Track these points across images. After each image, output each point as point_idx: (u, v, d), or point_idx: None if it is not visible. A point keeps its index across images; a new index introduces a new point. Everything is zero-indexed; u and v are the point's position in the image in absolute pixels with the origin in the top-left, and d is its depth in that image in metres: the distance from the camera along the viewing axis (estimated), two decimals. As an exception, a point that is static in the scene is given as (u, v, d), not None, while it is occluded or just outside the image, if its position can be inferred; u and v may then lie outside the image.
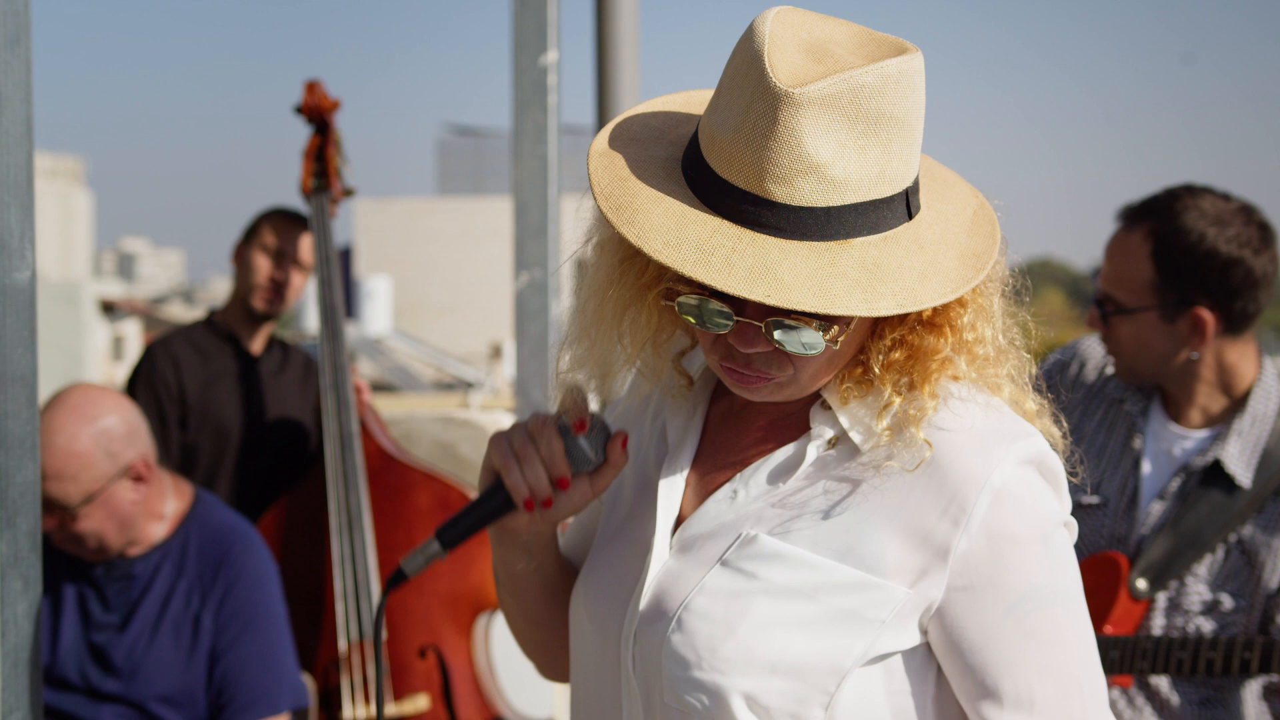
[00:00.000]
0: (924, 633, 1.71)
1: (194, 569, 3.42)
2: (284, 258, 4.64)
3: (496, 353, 31.31)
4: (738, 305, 1.65)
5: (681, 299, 1.66)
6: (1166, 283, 2.86)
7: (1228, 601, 2.84)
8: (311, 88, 4.73)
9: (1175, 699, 2.86)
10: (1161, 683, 2.86)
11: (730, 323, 1.65)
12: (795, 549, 1.70)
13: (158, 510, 3.44)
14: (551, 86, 5.71)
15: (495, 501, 1.81)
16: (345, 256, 52.71)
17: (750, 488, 1.77)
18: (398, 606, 4.23)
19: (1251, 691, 2.87)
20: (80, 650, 3.39)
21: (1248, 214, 2.88)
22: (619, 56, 6.74)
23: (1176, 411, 2.97)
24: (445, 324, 47.29)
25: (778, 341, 1.64)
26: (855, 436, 1.73)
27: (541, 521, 1.82)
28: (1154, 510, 2.92)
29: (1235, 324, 2.88)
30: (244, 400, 4.59)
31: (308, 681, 4.03)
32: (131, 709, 3.38)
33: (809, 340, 1.64)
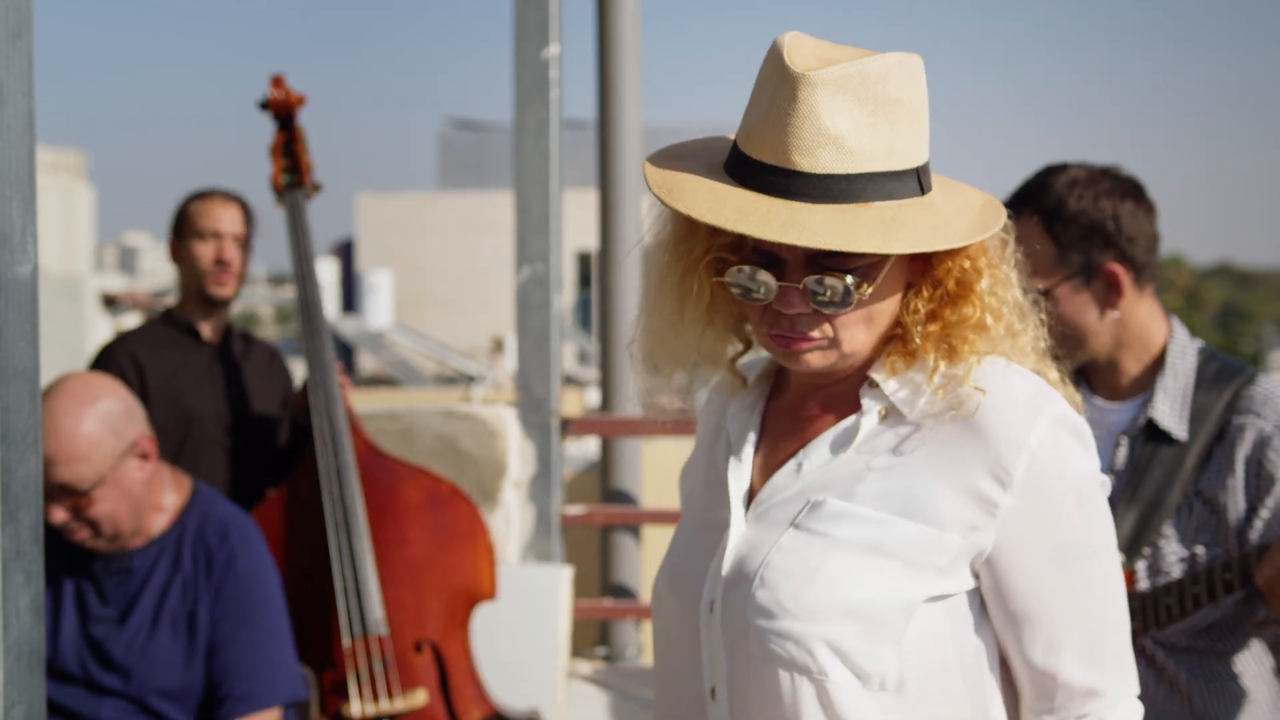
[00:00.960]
0: (976, 577, 1.90)
1: (191, 562, 3.43)
2: (220, 237, 4.58)
3: (498, 346, 31.30)
4: (779, 271, 1.87)
5: (730, 273, 1.88)
6: (1068, 250, 2.98)
7: (1203, 552, 2.91)
8: (277, 82, 4.68)
9: (1182, 675, 2.90)
10: (1169, 663, 2.91)
11: (774, 286, 1.87)
12: (861, 508, 1.89)
13: (157, 502, 3.45)
14: (553, 80, 5.71)
15: None
16: (346, 250, 52.71)
17: (813, 459, 1.95)
18: (392, 601, 4.23)
19: (1266, 667, 2.90)
20: (80, 644, 3.40)
21: (1114, 172, 3.04)
22: (621, 50, 6.74)
23: (1104, 388, 3.07)
24: (447, 318, 47.29)
25: (814, 294, 1.85)
26: (903, 407, 1.92)
27: None
28: (1108, 486, 2.97)
29: (1141, 274, 3.00)
30: (208, 389, 4.56)
31: (309, 675, 4.03)
32: (131, 704, 3.38)
33: (836, 289, 1.84)
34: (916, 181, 1.86)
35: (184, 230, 4.64)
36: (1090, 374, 3.08)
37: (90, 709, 3.38)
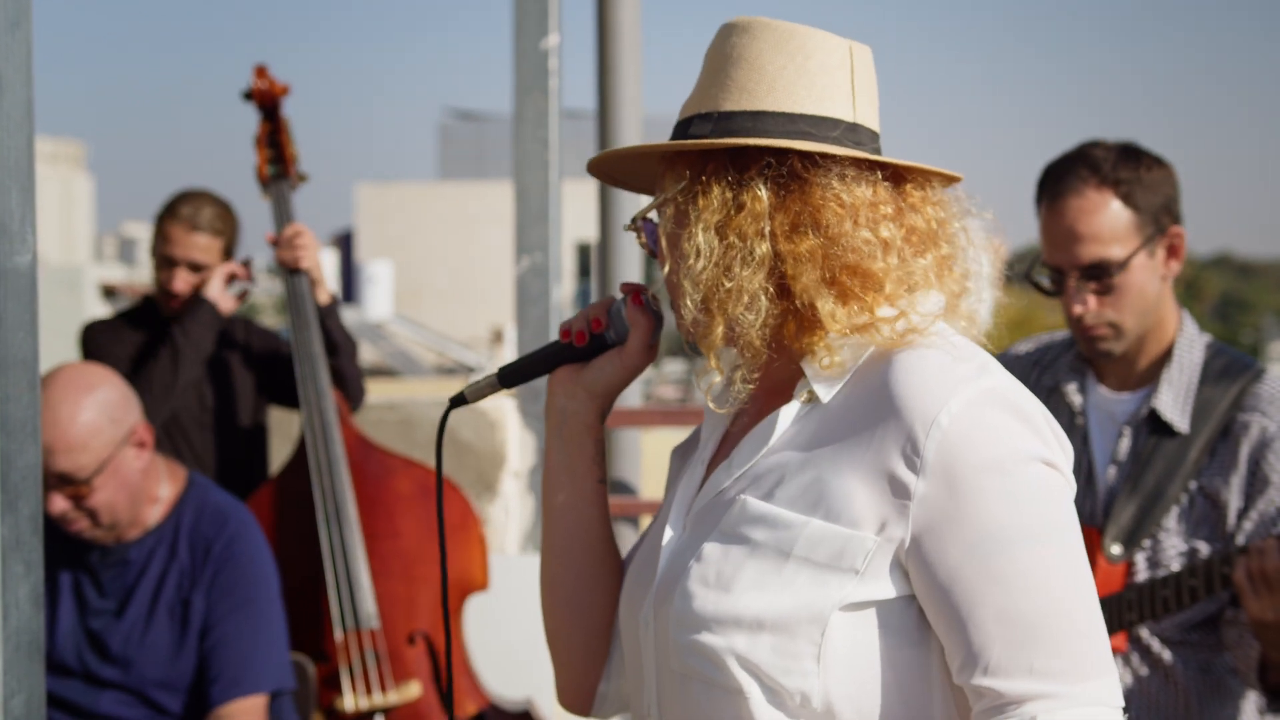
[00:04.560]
0: (909, 582, 1.73)
1: (188, 552, 3.42)
2: (174, 265, 4.59)
3: (498, 337, 31.30)
4: None
5: None
6: (1144, 217, 2.96)
7: (1204, 547, 2.90)
8: (261, 72, 4.62)
9: (1179, 667, 2.90)
10: (1165, 655, 2.90)
11: None
12: (775, 508, 1.76)
13: (153, 493, 3.44)
14: (553, 70, 5.70)
15: (549, 347, 2.01)
16: (346, 241, 52.69)
17: (739, 456, 1.84)
18: (384, 593, 4.22)
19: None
20: (78, 636, 3.40)
21: (1134, 146, 3.05)
22: (620, 40, 6.73)
23: (1110, 377, 3.05)
24: (446, 308, 47.27)
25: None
26: (819, 390, 1.80)
27: (574, 380, 1.99)
28: (1110, 475, 3.00)
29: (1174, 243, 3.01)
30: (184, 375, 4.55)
31: (308, 665, 4.03)
32: (131, 695, 3.38)
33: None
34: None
35: (155, 239, 4.70)
36: (1097, 363, 3.07)
37: (89, 701, 3.38)
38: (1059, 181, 2.98)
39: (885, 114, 1.92)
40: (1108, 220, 2.94)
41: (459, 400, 1.99)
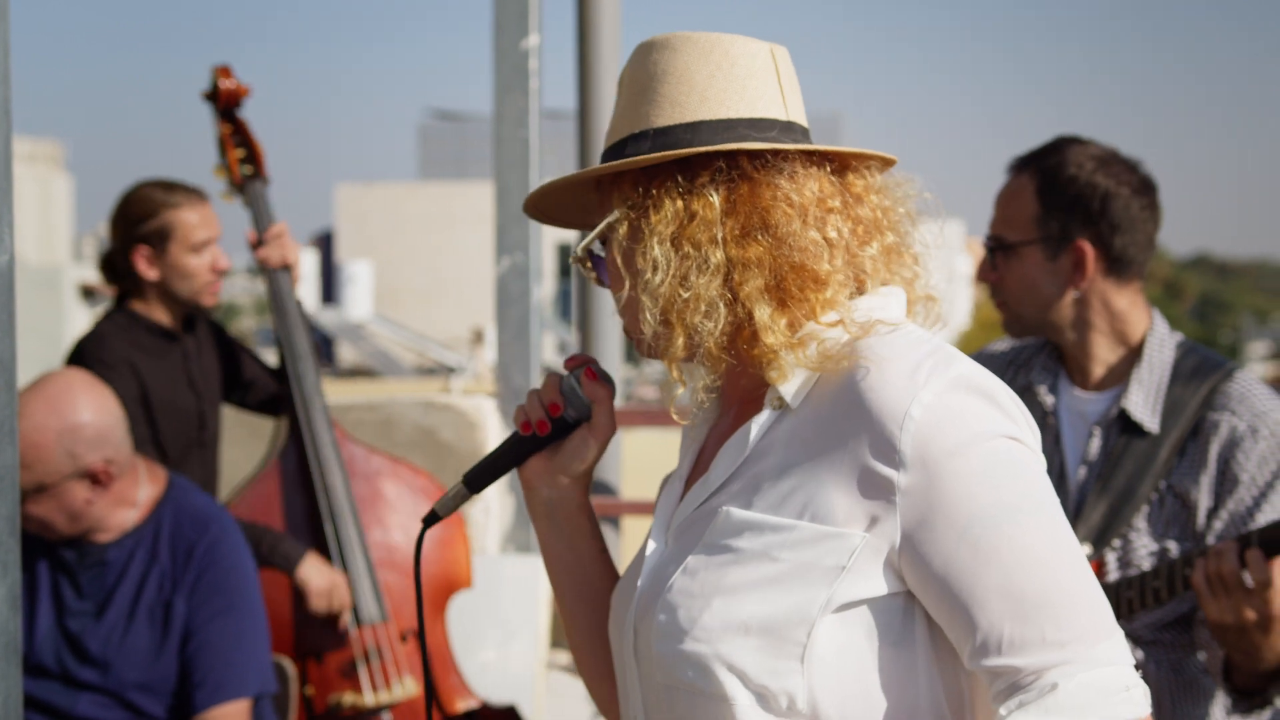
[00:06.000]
0: (901, 579, 1.74)
1: (167, 555, 3.41)
2: (210, 245, 4.34)
3: (478, 337, 31.29)
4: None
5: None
6: (1048, 214, 2.97)
7: (1174, 547, 2.90)
8: (225, 72, 4.54)
9: (1151, 667, 2.91)
10: (1137, 655, 2.90)
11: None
12: (758, 515, 1.77)
13: (130, 497, 3.42)
14: (533, 70, 5.70)
15: (510, 443, 2.00)
16: (326, 241, 52.60)
17: (717, 469, 1.85)
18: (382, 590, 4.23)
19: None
20: (56, 637, 3.38)
21: (1132, 162, 3.03)
22: (600, 40, 6.73)
23: (1082, 377, 3.06)
24: (427, 309, 47.24)
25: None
26: (787, 395, 1.80)
27: (552, 470, 2.00)
28: (1080, 475, 3.01)
29: (1117, 265, 2.98)
30: (187, 390, 4.36)
31: (288, 666, 4.02)
32: (109, 698, 3.37)
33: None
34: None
35: (163, 234, 4.29)
36: (1068, 362, 3.09)
37: (67, 703, 3.36)
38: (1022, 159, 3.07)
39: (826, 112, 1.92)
40: (1014, 203, 3.03)
41: (432, 519, 1.99)
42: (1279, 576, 2.69)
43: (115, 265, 4.39)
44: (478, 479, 1.99)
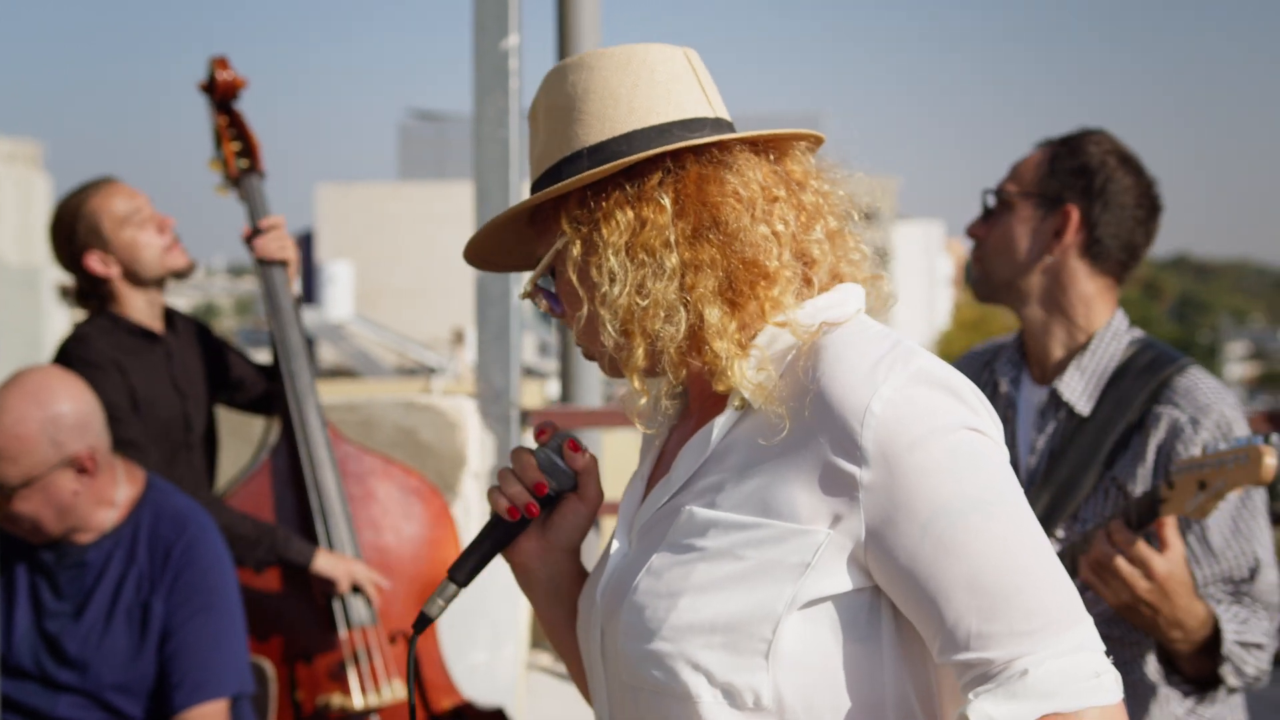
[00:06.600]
0: (866, 574, 1.74)
1: (147, 555, 3.39)
2: (143, 211, 4.24)
3: (458, 338, 31.29)
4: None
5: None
6: (1052, 175, 3.03)
7: None
8: (222, 64, 4.47)
9: None
10: None
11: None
12: (723, 514, 1.77)
13: (109, 497, 3.41)
14: (513, 70, 5.70)
15: (493, 528, 1.94)
16: (306, 241, 52.49)
17: (679, 468, 1.85)
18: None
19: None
20: (34, 639, 3.37)
21: (1150, 178, 3.07)
22: (580, 40, 6.73)
23: (1039, 370, 3.08)
24: (407, 309, 47.21)
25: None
26: (753, 397, 1.80)
27: (547, 548, 2.00)
28: (1030, 464, 3.04)
29: (1095, 247, 3.02)
30: (172, 391, 4.28)
31: (267, 666, 4.01)
32: (87, 699, 3.36)
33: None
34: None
35: (93, 228, 4.22)
36: (1029, 355, 3.10)
37: (46, 705, 3.35)
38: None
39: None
40: (1026, 164, 3.10)
41: (424, 621, 1.94)
42: (1143, 544, 2.69)
43: (80, 288, 4.32)
44: (468, 573, 1.93)
